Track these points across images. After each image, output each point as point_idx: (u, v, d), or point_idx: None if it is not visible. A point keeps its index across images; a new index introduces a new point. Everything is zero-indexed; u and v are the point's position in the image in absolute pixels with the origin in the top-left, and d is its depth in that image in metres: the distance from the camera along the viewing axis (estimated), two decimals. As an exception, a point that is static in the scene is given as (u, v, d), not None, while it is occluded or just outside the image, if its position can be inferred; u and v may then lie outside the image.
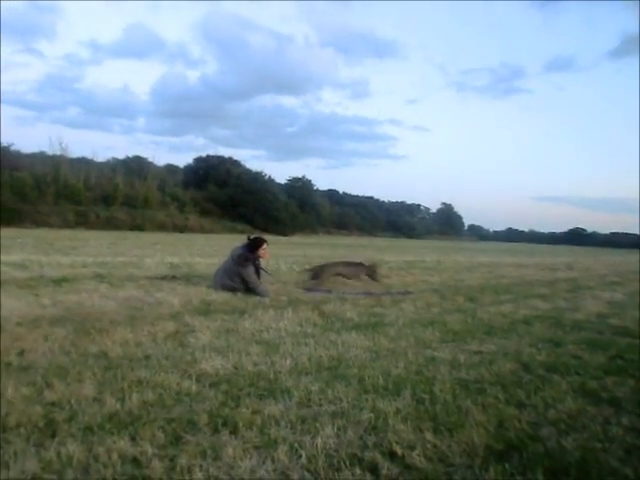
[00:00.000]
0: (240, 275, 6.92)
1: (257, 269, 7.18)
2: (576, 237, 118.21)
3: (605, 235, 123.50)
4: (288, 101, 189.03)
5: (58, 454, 2.02)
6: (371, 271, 8.58)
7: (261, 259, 7.37)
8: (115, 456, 2.03)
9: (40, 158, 43.01)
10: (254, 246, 7.28)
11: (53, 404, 2.53)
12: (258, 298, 6.46)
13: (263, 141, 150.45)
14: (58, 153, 43.47)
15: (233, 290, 6.82)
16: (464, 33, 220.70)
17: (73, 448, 2.06)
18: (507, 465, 2.13)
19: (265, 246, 7.40)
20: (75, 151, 57.86)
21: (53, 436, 2.18)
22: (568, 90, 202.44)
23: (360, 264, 8.84)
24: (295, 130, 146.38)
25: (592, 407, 2.90)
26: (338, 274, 8.48)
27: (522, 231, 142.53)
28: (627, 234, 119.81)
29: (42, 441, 2.13)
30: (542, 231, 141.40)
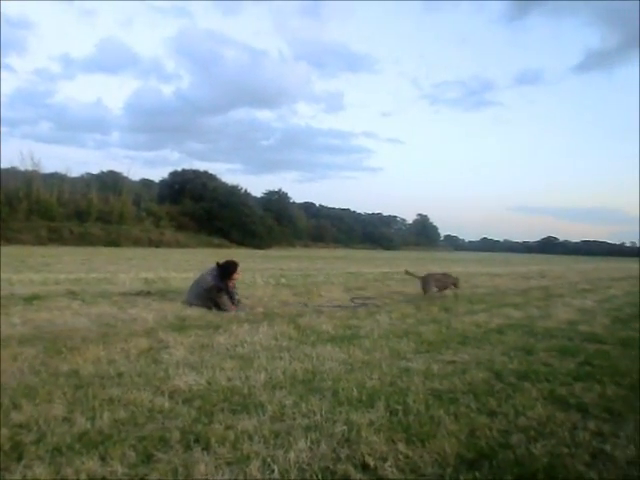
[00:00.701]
0: (211, 299, 6.72)
1: (231, 296, 6.86)
2: (549, 246, 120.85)
3: (576, 243, 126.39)
4: (263, 115, 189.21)
5: (24, 478, 1.98)
6: (456, 281, 9.53)
7: (235, 280, 7.07)
8: (84, 477, 2.00)
9: (12, 173, 42.15)
10: (226, 273, 6.93)
11: (20, 426, 2.48)
12: (233, 313, 6.43)
13: (238, 154, 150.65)
14: (30, 168, 42.75)
15: (207, 307, 6.69)
16: (435, 47, 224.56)
17: (40, 470, 2.03)
18: (477, 473, 2.16)
19: (238, 270, 7.09)
20: (48, 166, 56.92)
21: (19, 459, 2.14)
22: (538, 103, 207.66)
23: (450, 275, 9.86)
24: (271, 143, 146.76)
25: (560, 413, 2.96)
26: (437, 281, 9.36)
27: (497, 241, 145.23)
28: (597, 242, 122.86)
29: (7, 465, 2.09)
30: (516, 240, 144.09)
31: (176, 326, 5.28)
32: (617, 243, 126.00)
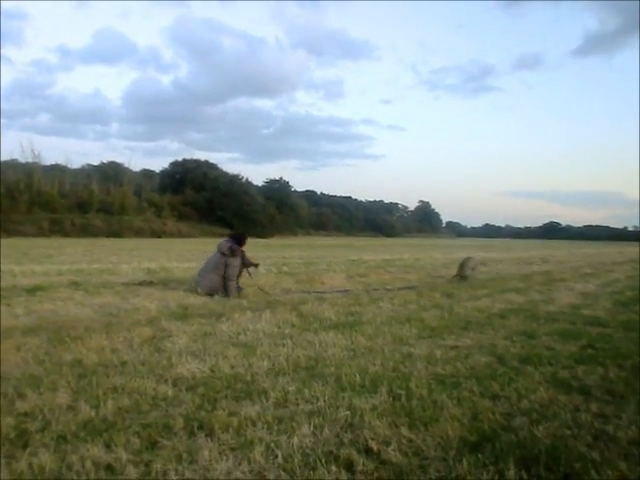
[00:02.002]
0: (225, 265, 7.11)
1: (244, 263, 7.48)
2: (551, 231, 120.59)
3: (579, 228, 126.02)
4: (263, 103, 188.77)
5: (30, 465, 2.00)
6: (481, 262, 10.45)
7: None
8: (89, 464, 2.01)
9: (12, 166, 42.08)
10: (240, 240, 7.64)
11: (25, 414, 2.50)
12: (236, 301, 6.44)
13: (239, 143, 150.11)
14: (31, 160, 42.67)
15: (215, 291, 6.92)
16: (434, 33, 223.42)
17: (45, 458, 2.04)
18: (480, 456, 2.17)
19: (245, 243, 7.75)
20: (48, 158, 56.78)
21: (25, 447, 2.15)
22: (537, 87, 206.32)
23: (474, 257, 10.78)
24: (271, 132, 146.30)
25: (563, 396, 2.97)
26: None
27: (499, 226, 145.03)
28: (600, 227, 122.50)
29: (13, 452, 2.11)
30: (518, 226, 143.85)
31: (179, 315, 5.29)
32: (619, 227, 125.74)
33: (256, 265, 7.89)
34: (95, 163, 55.78)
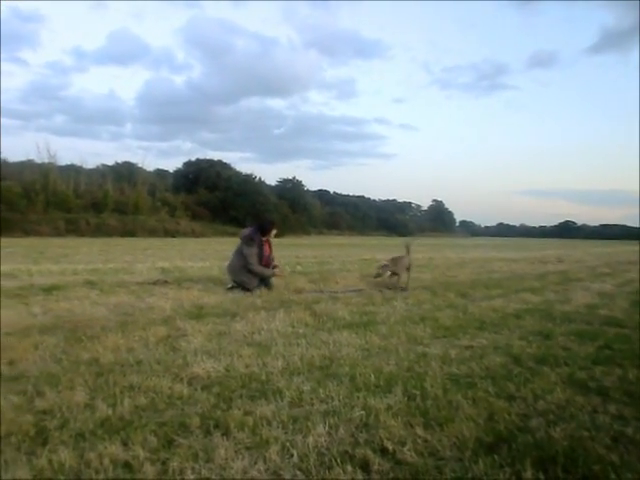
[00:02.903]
0: (243, 255, 7.13)
1: (262, 254, 7.32)
2: (566, 230, 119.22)
3: (595, 227, 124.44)
4: (275, 103, 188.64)
5: (49, 462, 2.03)
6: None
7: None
8: (107, 461, 2.04)
9: (28, 166, 42.58)
10: (263, 229, 7.44)
11: (44, 412, 2.53)
12: (251, 300, 6.46)
13: (251, 143, 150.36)
14: (46, 161, 43.13)
15: (241, 281, 7.11)
16: (446, 32, 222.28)
17: (65, 455, 2.07)
18: (496, 457, 2.16)
19: (273, 232, 7.61)
20: (63, 158, 57.42)
21: (44, 444, 2.18)
22: (551, 86, 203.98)
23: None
24: (283, 131, 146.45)
25: (580, 397, 2.94)
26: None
27: (513, 226, 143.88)
28: (617, 225, 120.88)
29: (33, 449, 2.14)
30: (533, 225, 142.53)
31: (193, 314, 5.33)
32: (636, 226, 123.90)
33: (274, 267, 7.77)
34: (109, 163, 56.18)
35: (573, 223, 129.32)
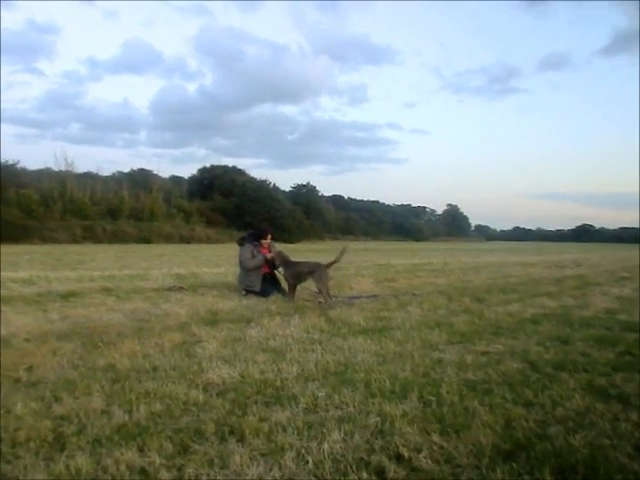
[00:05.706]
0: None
1: (267, 260, 7.51)
2: (584, 234, 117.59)
3: (613, 231, 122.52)
4: (287, 109, 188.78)
5: (67, 467, 2.04)
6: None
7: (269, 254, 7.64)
8: (123, 467, 2.05)
9: (46, 174, 43.24)
10: (256, 235, 7.91)
11: (62, 418, 2.56)
12: (265, 306, 6.47)
13: (265, 149, 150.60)
14: (64, 169, 43.74)
15: (246, 286, 7.46)
16: (455, 36, 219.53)
17: (82, 461, 2.08)
18: (514, 465, 2.13)
19: (268, 238, 7.80)
20: (79, 166, 58.13)
21: (62, 449, 2.21)
22: (564, 88, 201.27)
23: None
24: (296, 137, 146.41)
25: (600, 404, 2.89)
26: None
27: (529, 229, 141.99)
28: (636, 229, 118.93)
29: (51, 455, 2.16)
30: (549, 229, 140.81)
31: (208, 320, 5.35)
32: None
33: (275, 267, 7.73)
34: (125, 170, 56.79)
35: (591, 226, 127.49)
